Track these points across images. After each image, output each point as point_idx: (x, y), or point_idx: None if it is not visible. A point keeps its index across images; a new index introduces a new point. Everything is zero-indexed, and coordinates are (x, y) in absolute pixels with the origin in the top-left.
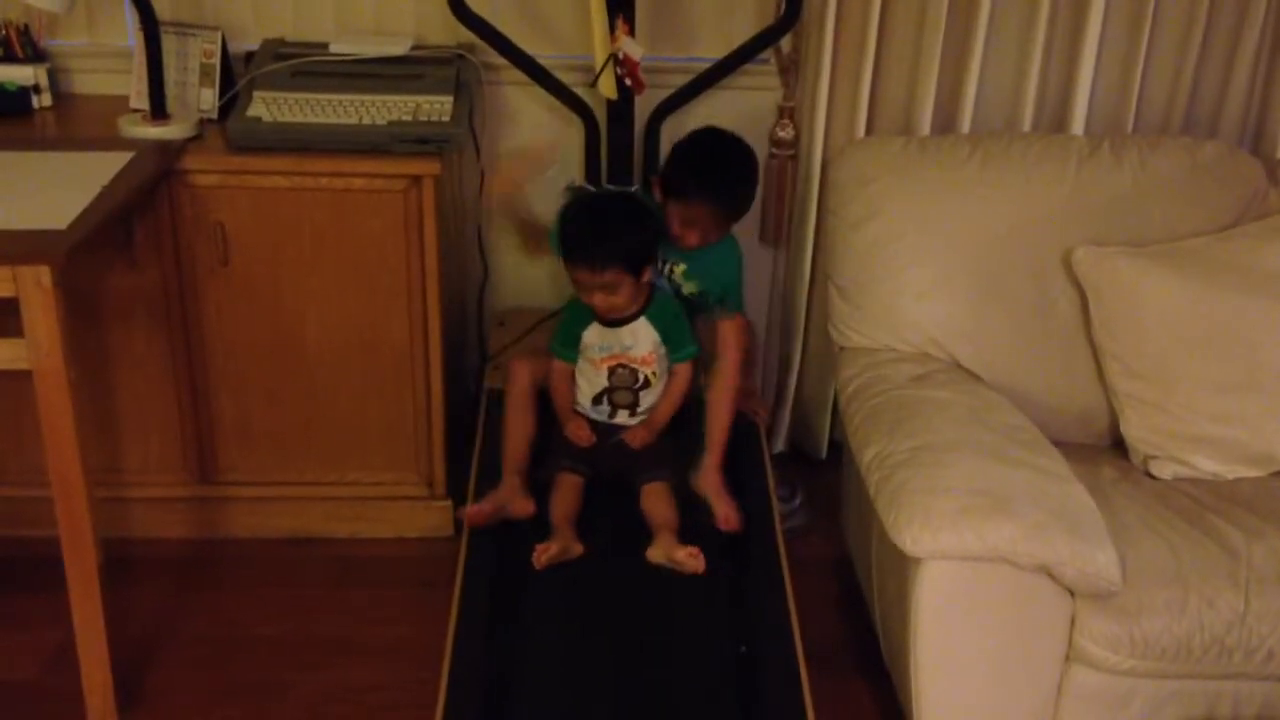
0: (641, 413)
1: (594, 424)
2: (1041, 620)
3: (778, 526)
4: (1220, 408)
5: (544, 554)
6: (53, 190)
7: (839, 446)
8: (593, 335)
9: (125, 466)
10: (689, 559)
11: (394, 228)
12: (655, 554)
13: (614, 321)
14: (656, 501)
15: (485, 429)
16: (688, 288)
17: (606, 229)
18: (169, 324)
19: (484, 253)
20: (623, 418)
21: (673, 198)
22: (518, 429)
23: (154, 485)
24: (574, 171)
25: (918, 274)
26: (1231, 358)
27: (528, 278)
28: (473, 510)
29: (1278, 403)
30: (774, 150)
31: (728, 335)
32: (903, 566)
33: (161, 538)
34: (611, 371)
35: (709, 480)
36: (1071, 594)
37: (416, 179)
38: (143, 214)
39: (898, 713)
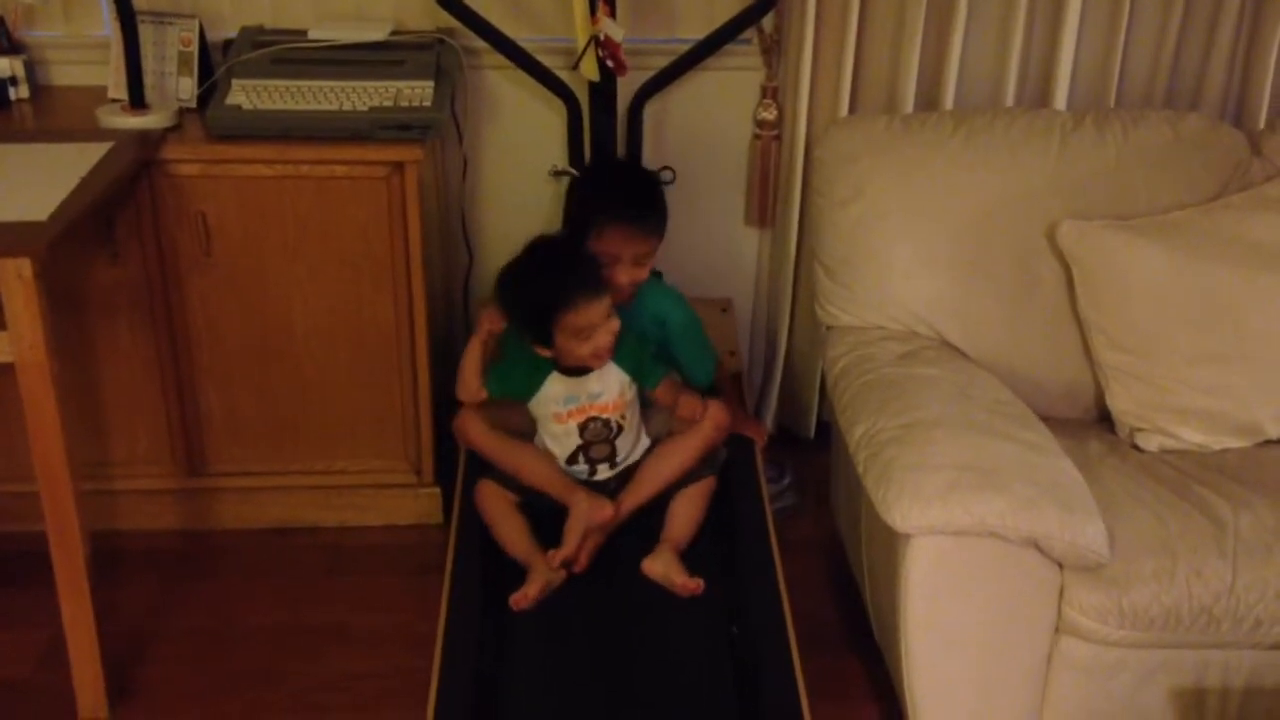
0: (622, 462)
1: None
2: (1030, 593)
3: (767, 507)
4: (1206, 379)
5: (524, 600)
6: (31, 182)
7: (827, 427)
8: (555, 387)
9: (112, 459)
10: (686, 586)
11: (377, 215)
12: (653, 568)
13: (577, 371)
14: (688, 507)
15: None
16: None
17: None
18: (153, 316)
19: (469, 239)
20: (604, 473)
21: (586, 235)
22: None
23: (141, 478)
24: (557, 155)
25: (904, 252)
26: (1217, 329)
27: None
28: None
29: (1263, 373)
30: (758, 131)
31: (708, 418)
32: (892, 543)
33: (150, 530)
34: (583, 427)
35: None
36: (1060, 566)
37: (398, 165)
38: (124, 205)
39: (889, 689)
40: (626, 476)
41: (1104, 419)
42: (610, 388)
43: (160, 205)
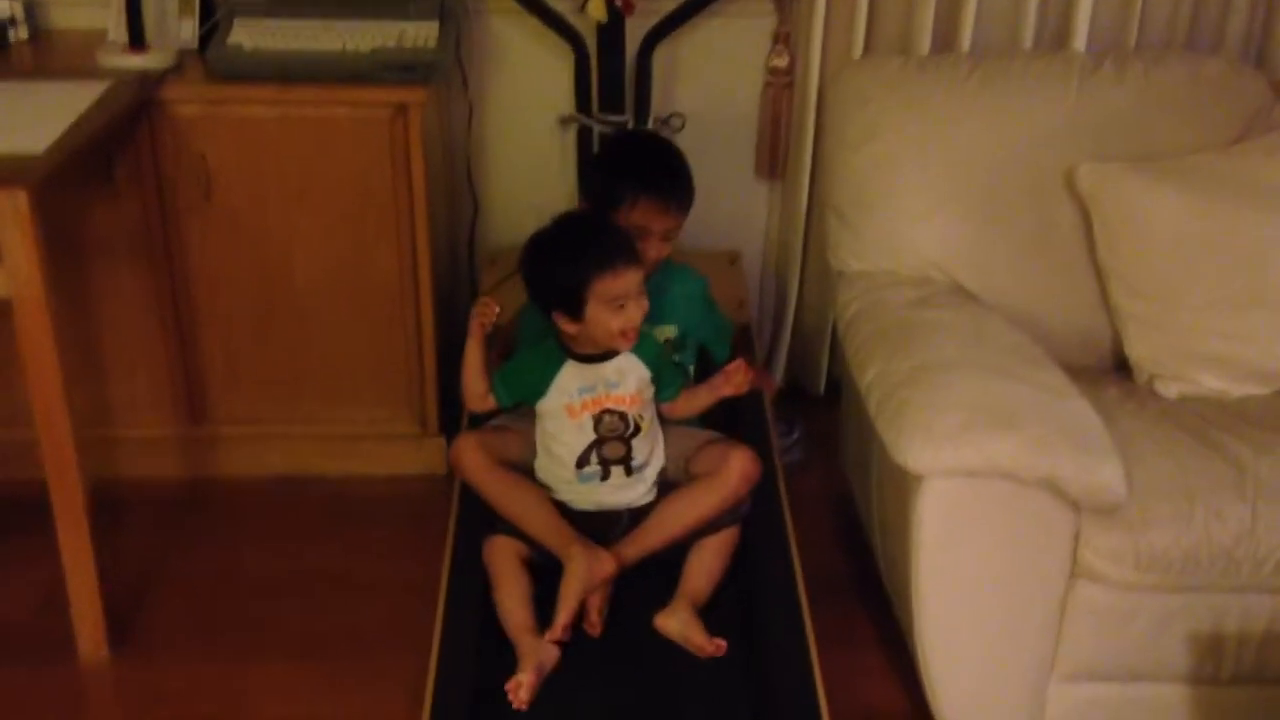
0: (638, 469)
1: (582, 517)
2: (1045, 536)
3: (776, 461)
4: (1226, 325)
5: (520, 691)
6: (28, 118)
7: (837, 384)
8: (570, 376)
9: (113, 406)
10: (705, 648)
11: (379, 159)
12: (668, 625)
13: (593, 357)
14: (708, 558)
15: None
16: (662, 332)
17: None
18: (152, 261)
19: (474, 188)
20: (618, 478)
21: (613, 209)
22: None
23: (142, 425)
24: (565, 102)
25: (917, 195)
26: (1237, 274)
27: (519, 215)
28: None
29: None
30: (769, 79)
31: (734, 468)
32: (903, 487)
33: (151, 478)
34: (597, 419)
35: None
36: (1076, 509)
37: (402, 108)
38: (123, 147)
39: (899, 638)
40: (639, 516)
41: (1121, 367)
42: (628, 379)
43: (159, 147)
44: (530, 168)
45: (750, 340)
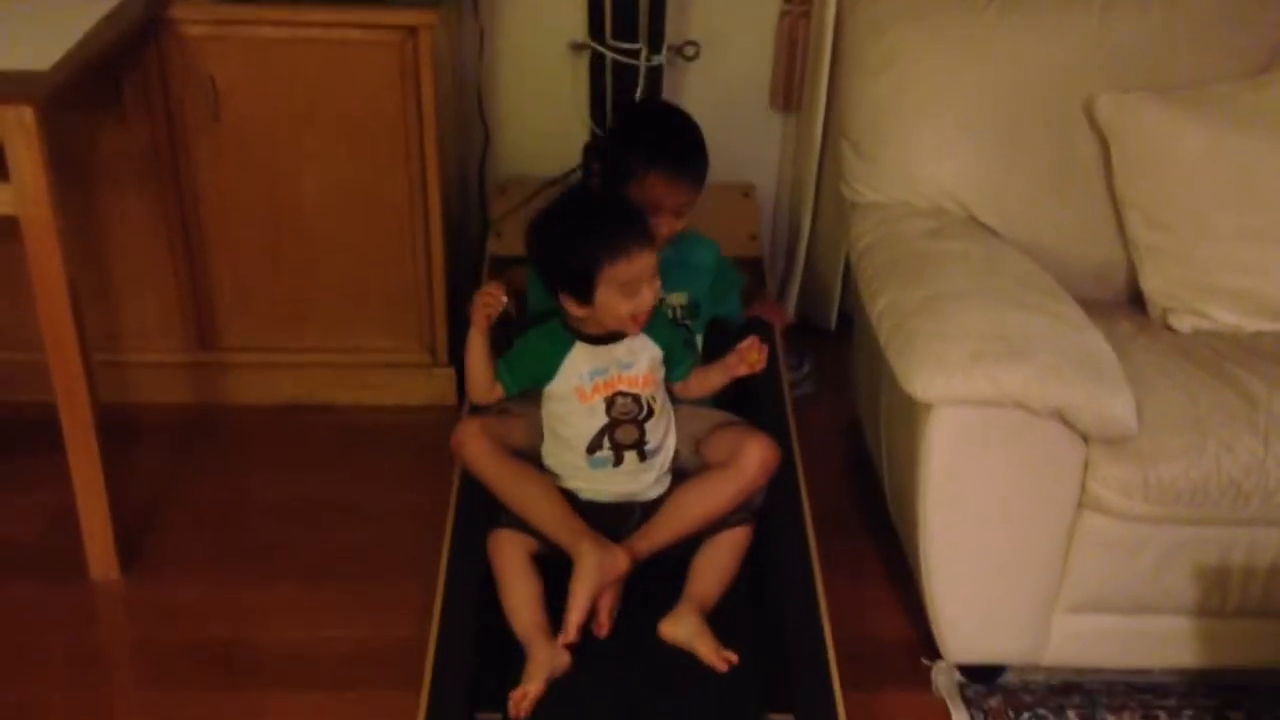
0: (651, 454)
1: (596, 510)
2: (1054, 467)
3: (786, 393)
4: (1243, 258)
5: (524, 702)
6: (33, 35)
7: (849, 318)
8: (580, 358)
9: (123, 331)
10: (715, 660)
11: (389, 82)
12: (674, 632)
13: (602, 337)
14: (717, 558)
15: None
16: (674, 299)
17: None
18: (161, 184)
19: (484, 117)
20: (631, 463)
21: (624, 183)
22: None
23: (152, 350)
24: (577, 28)
25: (934, 125)
26: (1256, 207)
27: (530, 144)
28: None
29: None
30: (786, 7)
31: (752, 455)
32: (913, 417)
33: (161, 403)
34: (609, 402)
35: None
36: (1085, 440)
37: (412, 30)
38: (131, 68)
39: (905, 570)
40: (651, 510)
41: (1135, 301)
42: (640, 360)
43: (168, 68)
44: (541, 96)
45: (763, 274)
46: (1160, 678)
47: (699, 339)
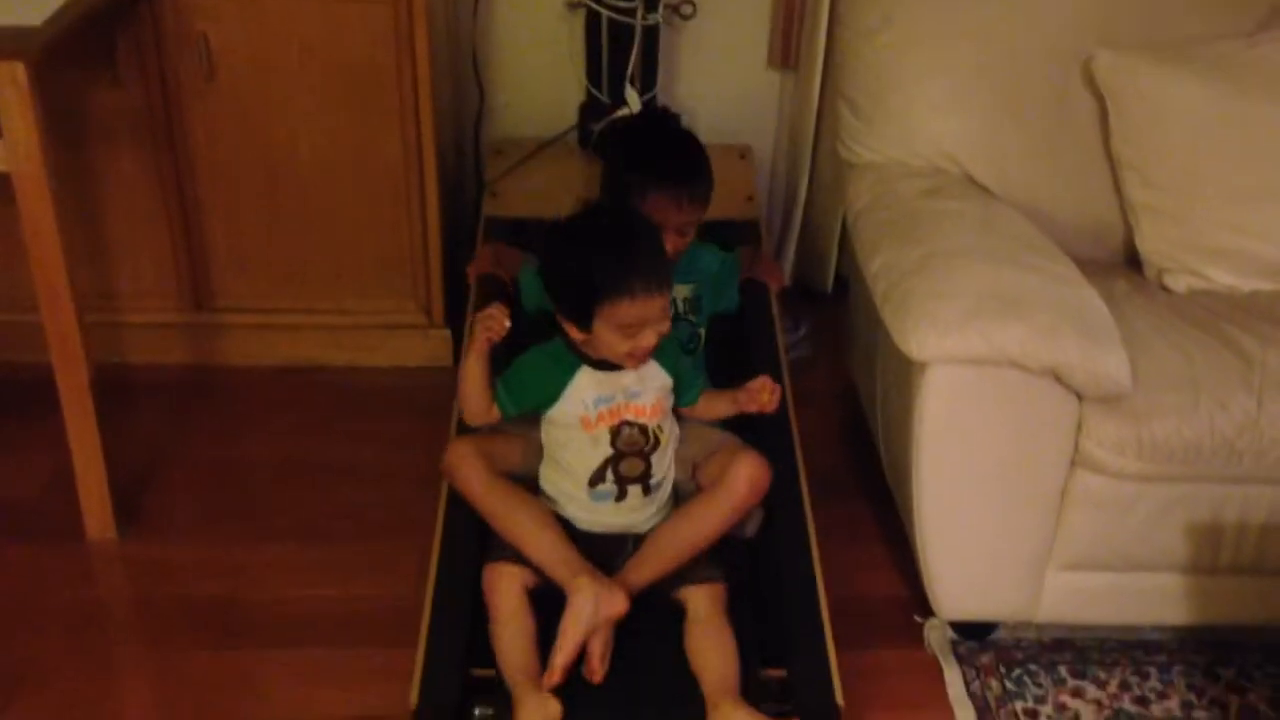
0: (655, 487)
1: (591, 540)
2: (1047, 425)
3: (781, 353)
4: (1239, 218)
5: None
6: None
7: (845, 281)
8: (585, 385)
9: (118, 292)
10: None
11: (383, 41)
12: None
13: (611, 364)
14: (715, 638)
15: None
16: (679, 291)
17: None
18: (155, 144)
19: (480, 78)
20: (634, 498)
21: (627, 203)
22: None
23: (147, 311)
24: None
25: (931, 84)
26: (1253, 167)
27: (525, 106)
28: None
29: None
30: None
31: (740, 474)
32: (907, 376)
33: (157, 364)
34: (615, 432)
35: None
36: (1079, 399)
37: None
38: (124, 25)
39: (899, 531)
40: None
41: (1132, 262)
42: (649, 388)
43: (162, 26)
44: (537, 57)
45: (759, 236)
46: (1151, 635)
47: (701, 332)
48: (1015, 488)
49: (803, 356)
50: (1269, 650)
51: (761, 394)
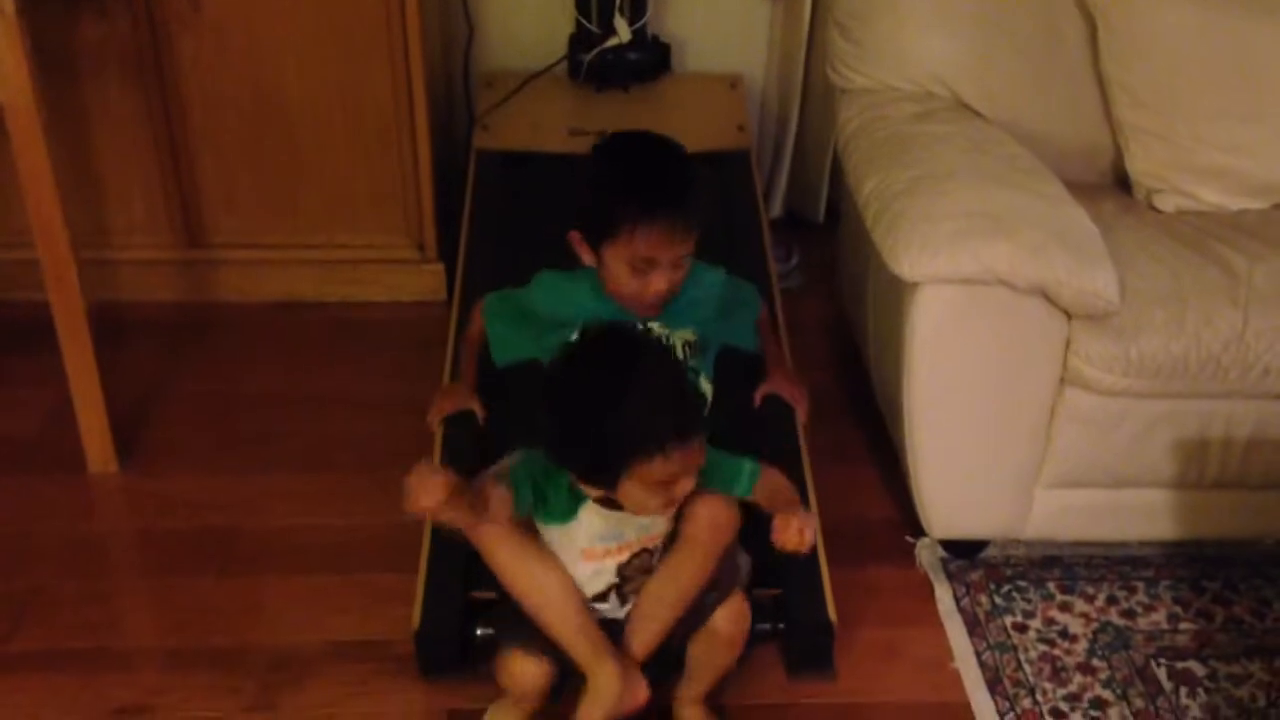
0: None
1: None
2: (1036, 343)
3: (774, 287)
4: (1228, 137)
5: None
6: None
7: (836, 211)
8: (592, 521)
9: (110, 228)
10: None
11: None
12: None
13: (616, 503)
14: (714, 653)
15: (475, 192)
16: (680, 336)
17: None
18: (143, 78)
19: (468, 9)
20: (633, 599)
21: (610, 238)
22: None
23: (140, 248)
24: None
25: (920, 6)
26: (1242, 85)
27: (514, 37)
28: None
29: None
30: None
31: (698, 519)
32: (898, 297)
33: (151, 301)
34: (624, 565)
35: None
36: (1068, 317)
37: None
38: None
39: (890, 453)
40: None
41: (1121, 183)
42: (657, 517)
43: None
44: None
45: (749, 166)
46: (1138, 550)
47: (708, 388)
48: (1005, 406)
49: (794, 286)
50: (1253, 563)
51: (790, 533)
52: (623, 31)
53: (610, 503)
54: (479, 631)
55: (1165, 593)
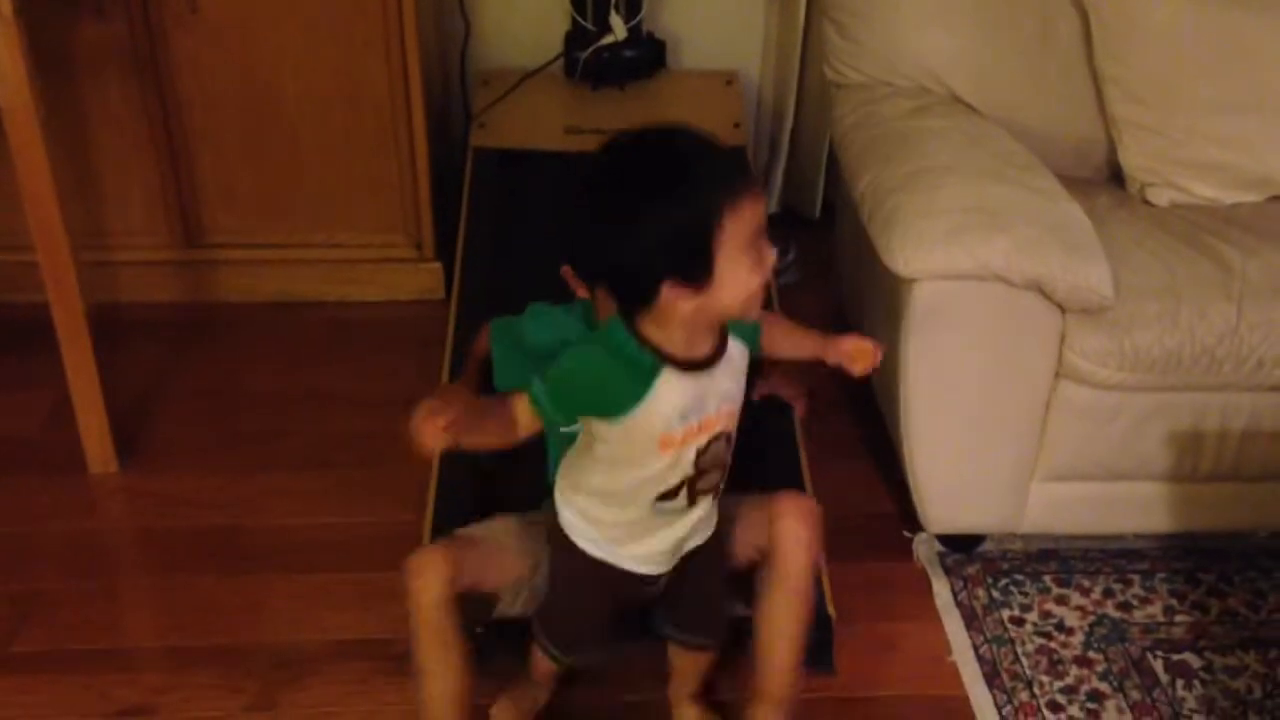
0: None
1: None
2: (1032, 337)
3: (771, 282)
4: (1221, 130)
5: None
6: None
7: (833, 207)
8: (670, 393)
9: (109, 229)
10: None
11: None
12: None
13: (700, 363)
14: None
15: (472, 190)
16: None
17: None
18: (141, 78)
19: (464, 8)
20: (703, 507)
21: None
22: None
23: (139, 248)
24: None
25: (916, 1)
26: (1235, 78)
27: (511, 35)
28: None
29: (1279, 125)
30: None
31: (791, 519)
32: (895, 292)
33: (151, 301)
34: (702, 451)
35: None
36: (1062, 311)
37: None
38: None
39: (887, 447)
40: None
41: (1114, 177)
42: (738, 374)
43: None
44: None
45: (746, 161)
46: (1134, 543)
47: None
48: (1001, 401)
49: (791, 282)
50: (1248, 556)
51: (861, 355)
52: (618, 29)
53: (689, 366)
54: (479, 629)
55: (1161, 585)
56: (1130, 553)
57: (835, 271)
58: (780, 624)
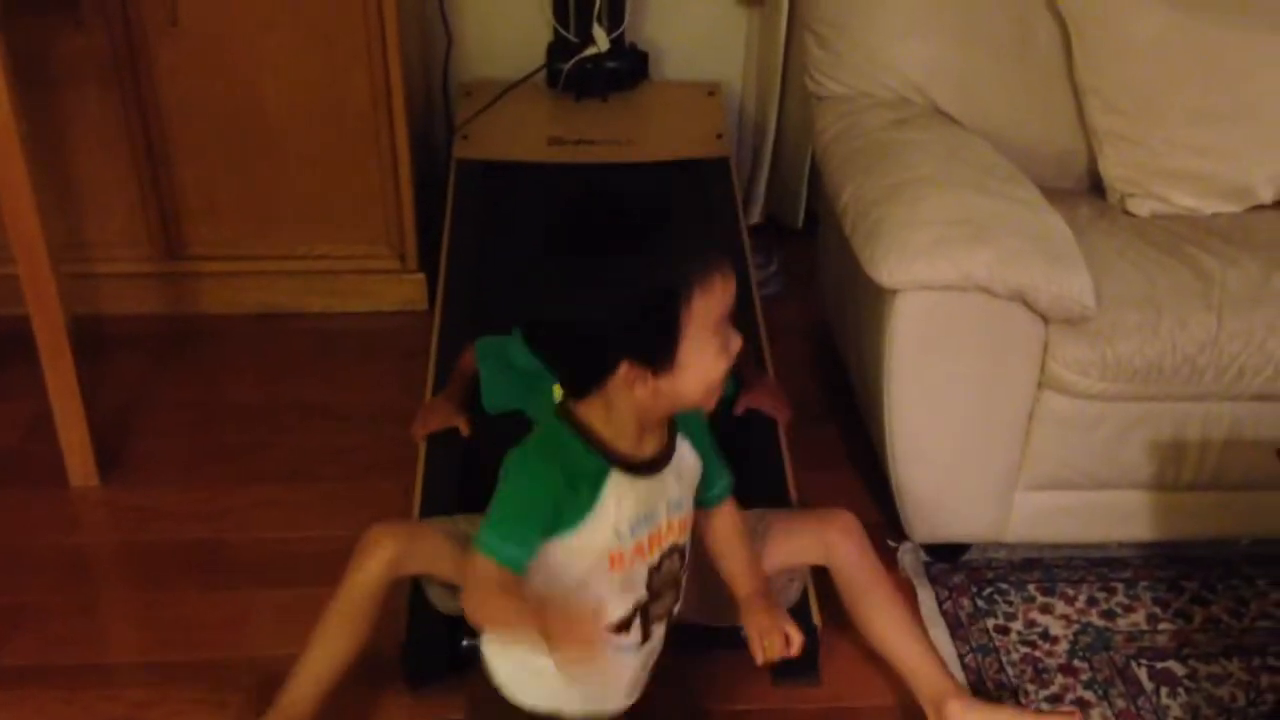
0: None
1: None
2: (1015, 348)
3: (754, 293)
4: (1201, 140)
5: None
6: None
7: (815, 217)
8: (619, 500)
9: (90, 241)
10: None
11: None
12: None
13: (649, 465)
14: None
15: (455, 202)
16: None
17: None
18: (121, 90)
19: (446, 19)
20: (655, 638)
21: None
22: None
23: (120, 260)
24: None
25: (895, 14)
26: (1214, 89)
27: (493, 46)
28: None
29: (1259, 134)
30: None
31: (846, 543)
32: (878, 303)
33: (132, 314)
34: (655, 568)
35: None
36: (1045, 321)
37: None
38: None
39: (871, 457)
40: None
41: (1095, 188)
42: (686, 484)
43: None
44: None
45: (728, 173)
46: (1117, 552)
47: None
48: (984, 411)
49: (774, 293)
50: (1231, 563)
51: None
52: (601, 40)
53: (637, 469)
54: (465, 642)
55: (1144, 593)
56: (1114, 561)
57: (818, 282)
58: (894, 628)
